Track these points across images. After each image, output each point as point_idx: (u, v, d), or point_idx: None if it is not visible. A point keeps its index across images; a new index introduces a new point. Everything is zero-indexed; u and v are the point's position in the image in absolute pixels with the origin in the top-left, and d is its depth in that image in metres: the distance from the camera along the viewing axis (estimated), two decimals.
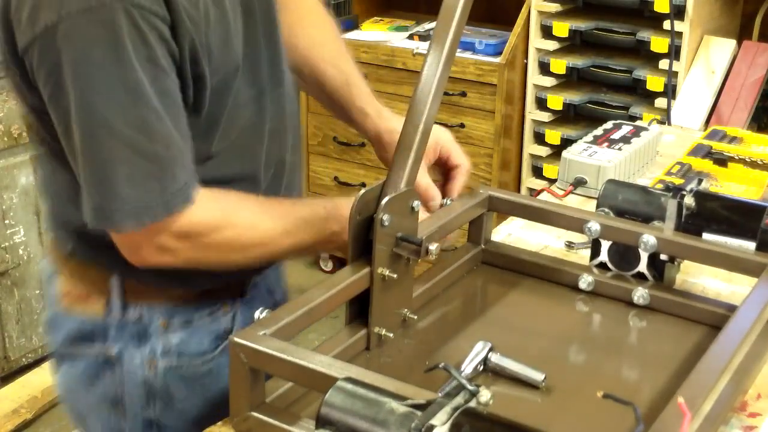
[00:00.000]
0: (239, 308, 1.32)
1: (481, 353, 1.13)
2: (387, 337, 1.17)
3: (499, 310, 1.32)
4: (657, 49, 2.75)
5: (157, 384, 1.28)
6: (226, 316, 1.30)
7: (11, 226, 2.85)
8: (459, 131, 3.11)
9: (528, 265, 1.38)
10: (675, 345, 1.22)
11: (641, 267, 1.32)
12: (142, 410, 1.29)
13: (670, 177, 1.71)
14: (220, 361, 1.29)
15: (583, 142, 1.82)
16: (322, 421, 0.87)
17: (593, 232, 1.31)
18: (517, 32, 3.00)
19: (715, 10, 2.84)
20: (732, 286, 1.39)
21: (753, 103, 2.66)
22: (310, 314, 1.07)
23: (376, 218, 1.11)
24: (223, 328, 1.30)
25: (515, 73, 3.04)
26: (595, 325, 1.32)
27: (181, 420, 1.30)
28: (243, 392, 1.01)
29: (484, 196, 1.37)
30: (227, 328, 1.30)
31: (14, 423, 2.76)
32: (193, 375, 1.29)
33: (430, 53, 1.15)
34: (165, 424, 1.30)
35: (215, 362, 1.29)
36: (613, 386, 1.07)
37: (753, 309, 1.12)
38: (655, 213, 1.33)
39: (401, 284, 1.18)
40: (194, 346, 1.28)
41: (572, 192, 1.74)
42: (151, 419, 1.30)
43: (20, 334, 2.95)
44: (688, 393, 0.94)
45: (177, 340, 1.27)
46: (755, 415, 1.11)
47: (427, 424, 0.81)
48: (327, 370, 0.94)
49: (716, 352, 1.04)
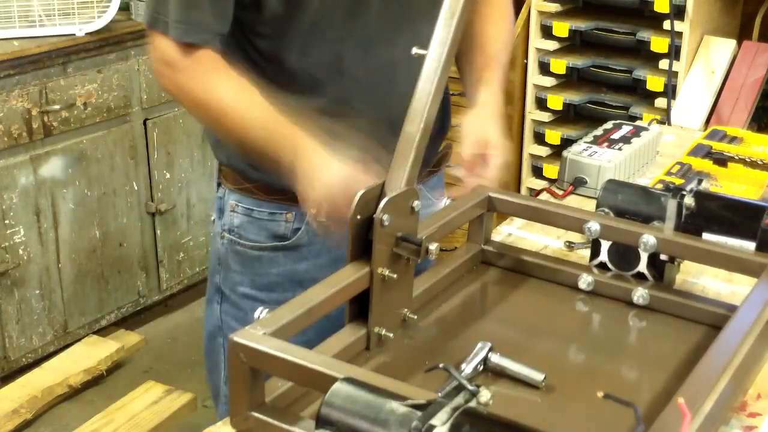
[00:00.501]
0: (306, 227, 1.49)
1: (480, 353, 1.13)
2: (387, 337, 1.17)
3: (499, 310, 1.32)
4: (657, 49, 2.75)
5: (221, 253, 1.57)
6: (287, 223, 1.51)
7: (11, 226, 2.85)
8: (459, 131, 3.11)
9: (528, 265, 1.38)
10: (675, 345, 1.22)
11: (641, 267, 1.32)
12: (214, 273, 1.59)
13: (670, 177, 1.71)
14: (272, 255, 1.53)
15: (583, 142, 1.82)
16: (322, 421, 0.87)
17: (593, 232, 1.31)
18: (517, 32, 3.00)
19: (715, 10, 2.84)
20: (732, 286, 1.39)
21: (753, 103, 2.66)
22: (309, 314, 1.07)
23: (376, 218, 1.11)
24: (282, 232, 1.52)
25: (515, 73, 3.04)
26: (594, 325, 1.32)
27: (234, 292, 1.57)
28: (243, 392, 1.01)
29: (483, 196, 1.37)
30: (284, 234, 1.52)
31: (14, 423, 2.76)
32: (246, 255, 1.54)
33: (430, 53, 1.15)
34: (224, 292, 1.58)
35: (267, 253, 1.53)
36: (613, 386, 1.07)
37: (753, 309, 1.12)
38: (655, 213, 1.33)
39: (401, 284, 1.18)
40: (251, 233, 1.53)
41: (572, 192, 1.74)
42: (218, 284, 1.59)
43: (20, 334, 2.95)
44: (688, 393, 0.94)
45: (238, 222, 1.54)
46: (755, 415, 1.11)
47: (428, 424, 0.81)
48: (327, 370, 0.94)
49: (716, 352, 1.04)
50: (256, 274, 1.54)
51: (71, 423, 2.80)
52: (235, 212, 1.54)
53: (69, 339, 3.10)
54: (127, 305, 3.28)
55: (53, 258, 2.98)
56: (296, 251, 1.52)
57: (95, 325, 3.18)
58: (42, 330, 3.01)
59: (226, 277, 1.57)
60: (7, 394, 2.83)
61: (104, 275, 3.16)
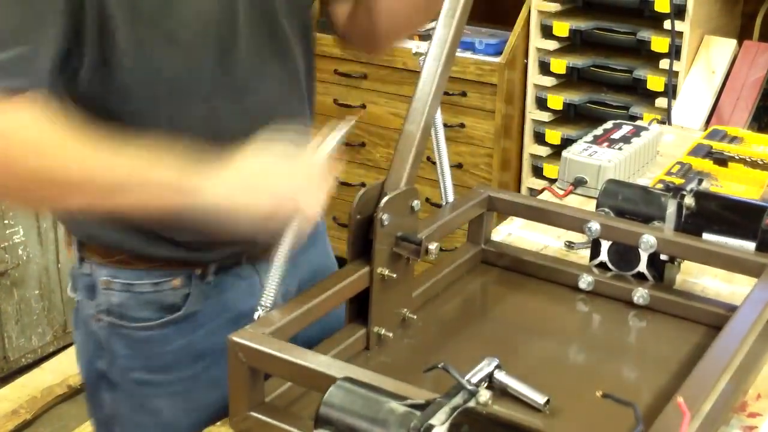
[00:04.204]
0: (198, 289, 1.28)
1: (486, 369, 1.10)
2: (386, 336, 1.17)
3: (498, 310, 1.31)
4: (657, 49, 2.75)
5: (102, 338, 1.31)
6: (175, 290, 1.28)
7: (11, 226, 2.85)
8: (459, 131, 3.11)
9: (528, 265, 1.38)
10: (675, 345, 1.22)
11: (641, 267, 1.32)
12: (93, 359, 1.33)
13: (671, 177, 1.71)
14: (163, 332, 1.29)
15: (584, 142, 1.82)
16: (321, 420, 0.86)
17: (593, 232, 1.31)
18: (517, 32, 3.00)
19: (715, 10, 2.83)
20: (732, 286, 1.39)
21: (753, 102, 2.66)
22: (309, 313, 1.07)
23: (376, 218, 1.11)
24: (170, 301, 1.28)
25: (515, 73, 3.03)
26: (595, 325, 1.32)
27: (125, 379, 1.32)
28: (242, 392, 1.01)
29: (483, 196, 1.37)
30: (175, 303, 1.28)
31: (14, 423, 2.75)
32: (133, 338, 1.30)
33: (430, 53, 1.14)
34: (112, 379, 1.33)
35: (157, 332, 1.29)
36: (613, 386, 1.07)
37: (753, 309, 1.12)
38: (655, 213, 1.33)
39: (401, 284, 1.18)
40: (134, 310, 1.29)
41: (572, 192, 1.74)
42: (101, 371, 1.33)
43: (20, 335, 2.94)
44: (688, 393, 0.93)
45: (117, 301, 1.29)
46: (755, 415, 1.11)
47: (426, 423, 0.81)
48: (326, 370, 0.94)
49: (716, 352, 1.03)
50: (148, 357, 1.31)
51: (71, 423, 2.80)
52: (110, 290, 1.28)
53: (69, 339, 3.09)
54: None
55: (53, 258, 2.98)
56: (190, 321, 1.29)
57: None
58: (41, 330, 3.01)
59: (112, 363, 1.32)
60: (7, 395, 2.82)
61: None
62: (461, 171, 3.14)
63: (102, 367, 1.33)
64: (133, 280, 1.27)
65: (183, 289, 1.28)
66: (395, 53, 3.18)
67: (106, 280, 1.28)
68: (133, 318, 1.28)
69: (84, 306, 1.32)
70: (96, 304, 1.30)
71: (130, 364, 1.31)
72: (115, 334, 1.30)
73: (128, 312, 1.28)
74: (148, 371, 1.30)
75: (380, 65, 3.19)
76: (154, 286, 1.27)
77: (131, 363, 1.31)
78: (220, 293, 1.29)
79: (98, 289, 1.29)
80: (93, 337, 1.32)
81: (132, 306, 1.28)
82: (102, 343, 1.32)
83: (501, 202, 1.38)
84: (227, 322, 1.26)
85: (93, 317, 1.30)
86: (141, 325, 1.29)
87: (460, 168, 3.14)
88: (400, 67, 3.17)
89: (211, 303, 1.29)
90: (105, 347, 1.32)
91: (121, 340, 1.30)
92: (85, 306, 1.32)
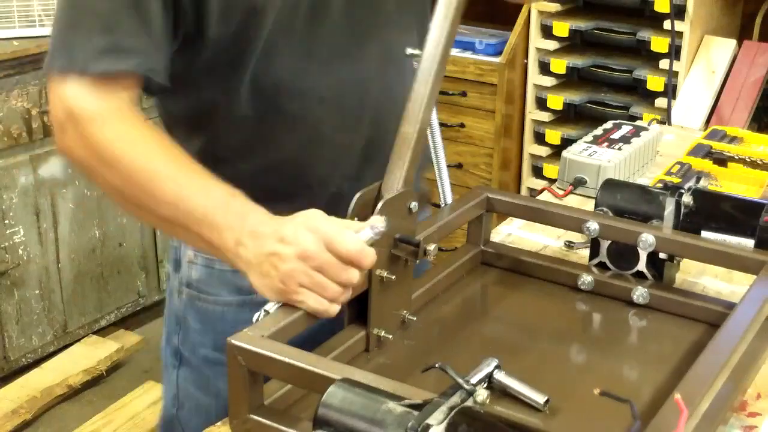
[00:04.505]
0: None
1: (486, 369, 1.09)
2: (386, 338, 1.17)
3: (498, 310, 1.31)
4: (657, 49, 2.75)
5: (180, 310, 1.36)
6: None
7: (11, 226, 2.85)
8: (459, 131, 3.11)
9: (528, 265, 1.38)
10: (675, 343, 1.22)
11: (640, 266, 1.32)
12: (172, 334, 1.38)
13: (670, 177, 1.71)
14: (238, 311, 1.31)
15: (583, 142, 1.82)
16: (319, 422, 0.86)
17: (592, 232, 1.31)
18: (517, 32, 3.00)
19: (715, 9, 2.83)
20: (732, 285, 1.39)
21: (753, 103, 2.66)
22: (307, 316, 1.07)
23: None
24: (248, 285, 1.24)
25: (515, 73, 3.03)
26: (595, 324, 1.32)
27: (194, 355, 1.36)
28: (241, 394, 1.01)
29: (482, 196, 1.37)
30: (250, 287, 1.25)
31: (13, 423, 2.76)
32: (208, 313, 1.34)
33: (425, 54, 1.14)
34: (183, 355, 1.37)
35: (230, 310, 1.32)
36: (612, 385, 1.07)
37: (752, 306, 1.12)
38: (654, 212, 1.33)
39: (400, 285, 1.18)
40: (212, 287, 1.33)
41: (572, 192, 1.73)
42: (176, 347, 1.38)
43: (20, 335, 2.95)
44: (686, 390, 0.93)
45: (197, 276, 1.34)
46: (755, 415, 1.11)
47: (424, 423, 0.81)
48: (324, 372, 0.94)
49: (714, 349, 1.03)
50: (219, 334, 1.28)
51: (71, 423, 2.80)
52: (193, 264, 1.33)
53: (68, 339, 3.10)
54: (126, 305, 3.27)
55: (53, 258, 2.98)
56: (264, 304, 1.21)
57: (95, 325, 3.18)
58: (42, 330, 3.01)
59: (185, 338, 1.36)
60: (7, 395, 2.82)
61: (104, 275, 3.16)
62: (461, 171, 3.14)
63: (176, 342, 1.37)
64: (214, 258, 1.28)
65: None
66: None
67: (190, 255, 1.33)
68: (210, 294, 1.33)
69: (171, 279, 1.38)
70: (180, 277, 1.35)
71: (201, 339, 1.34)
72: (192, 308, 1.34)
73: (206, 287, 1.33)
74: (217, 350, 1.31)
75: None
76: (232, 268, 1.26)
77: (202, 338, 1.34)
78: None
79: (183, 263, 1.35)
80: (174, 312, 1.37)
81: (211, 283, 1.32)
82: (179, 317, 1.36)
83: (500, 203, 1.38)
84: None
85: (176, 290, 1.36)
86: (217, 299, 1.32)
87: (460, 168, 3.14)
88: None
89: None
90: (181, 322, 1.36)
91: (196, 314, 1.34)
92: (171, 278, 1.38)
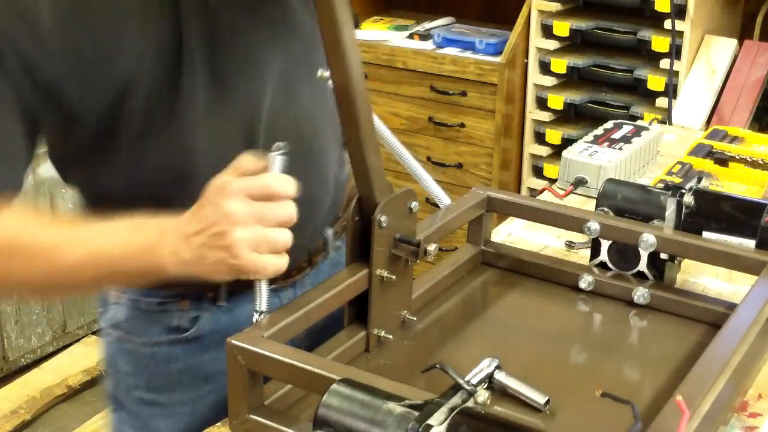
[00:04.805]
0: (209, 312, 1.24)
1: (486, 369, 1.09)
2: (386, 338, 1.17)
3: (499, 310, 1.31)
4: (658, 49, 2.75)
5: (109, 354, 1.29)
6: (183, 314, 1.24)
7: None
8: (459, 131, 3.10)
9: (528, 266, 1.38)
10: (675, 344, 1.22)
11: (641, 266, 1.32)
12: (107, 376, 1.32)
13: (671, 177, 1.70)
14: (169, 351, 1.25)
15: (584, 142, 1.82)
16: (319, 422, 0.86)
17: (593, 232, 1.30)
18: (517, 32, 2.99)
19: (716, 9, 2.83)
20: (733, 285, 1.39)
21: (754, 102, 2.65)
22: (308, 316, 1.07)
23: (374, 220, 1.10)
24: (177, 324, 1.24)
25: (515, 73, 3.03)
26: (595, 324, 1.32)
27: (128, 398, 1.29)
28: (241, 394, 1.00)
29: (483, 196, 1.36)
30: (180, 325, 1.24)
31: (13, 424, 2.75)
32: (137, 354, 1.27)
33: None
34: (119, 399, 1.30)
35: (161, 350, 1.25)
36: (613, 385, 1.07)
37: (753, 307, 1.12)
38: (655, 212, 1.33)
39: (400, 285, 1.18)
40: (140, 327, 1.25)
41: (573, 192, 1.73)
42: (110, 391, 1.31)
43: (19, 335, 2.94)
44: (687, 391, 0.93)
45: (124, 316, 1.26)
46: (756, 416, 1.11)
47: (424, 424, 0.81)
48: (324, 372, 0.94)
49: (715, 350, 1.03)
50: (151, 375, 1.27)
51: (70, 424, 2.80)
52: (119, 304, 1.26)
53: (68, 339, 3.10)
54: None
55: None
56: (197, 342, 1.25)
57: (94, 326, 3.17)
58: (41, 330, 3.01)
59: (118, 381, 1.30)
60: (6, 395, 2.82)
61: None
62: (461, 171, 3.14)
63: (109, 387, 1.31)
64: (141, 296, 1.24)
65: (192, 311, 1.24)
66: (395, 53, 3.17)
67: (116, 294, 1.26)
68: (138, 334, 1.26)
69: (101, 320, 1.30)
70: (106, 319, 1.28)
71: (133, 382, 1.28)
72: (121, 350, 1.28)
73: (134, 328, 1.26)
74: (151, 390, 1.27)
75: (380, 65, 3.19)
76: (161, 306, 1.24)
77: (134, 381, 1.28)
78: (234, 317, 1.23)
79: (109, 303, 1.27)
80: (106, 353, 1.30)
81: (138, 323, 1.25)
82: (110, 359, 1.30)
83: (500, 203, 1.37)
84: None
85: (105, 332, 1.29)
86: (146, 340, 1.25)
87: (460, 168, 3.14)
88: (399, 67, 3.16)
89: (223, 327, 1.23)
90: (112, 364, 1.30)
91: (126, 356, 1.27)
92: (102, 320, 1.30)
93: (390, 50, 3.19)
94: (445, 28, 3.31)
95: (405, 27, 3.38)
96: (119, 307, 1.26)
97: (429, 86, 3.13)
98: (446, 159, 3.15)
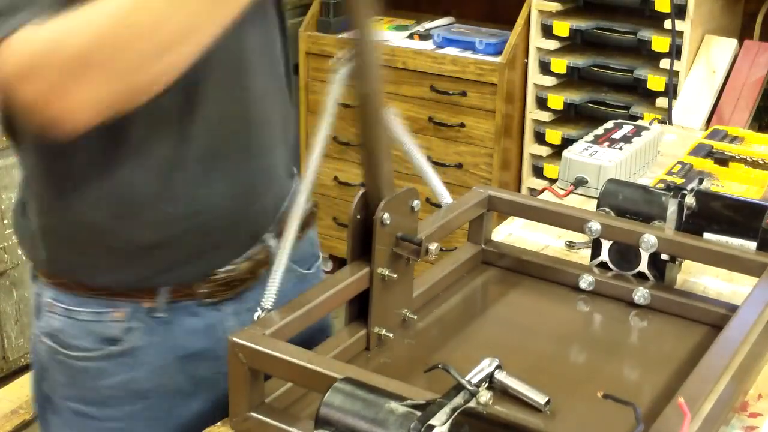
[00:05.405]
0: (143, 324, 1.20)
1: (487, 369, 1.09)
2: (387, 337, 1.17)
3: (499, 310, 1.31)
4: (658, 49, 2.75)
5: (43, 361, 1.25)
6: (116, 323, 1.19)
7: (10, 226, 2.84)
8: (459, 131, 3.11)
9: (528, 265, 1.38)
10: (676, 345, 1.22)
11: (642, 267, 1.32)
12: (40, 379, 1.27)
13: (672, 177, 1.70)
14: (101, 365, 1.21)
15: (584, 142, 1.82)
16: (321, 421, 0.86)
17: (594, 232, 1.30)
18: (517, 32, 3.00)
19: (716, 9, 2.83)
20: (733, 286, 1.39)
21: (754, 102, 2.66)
22: (309, 314, 1.07)
23: (376, 218, 1.10)
24: (111, 334, 1.20)
25: (516, 73, 3.03)
26: (595, 325, 1.32)
27: (63, 407, 1.26)
28: (242, 392, 1.00)
29: (483, 195, 1.36)
30: (115, 336, 1.20)
31: (13, 424, 2.75)
32: (70, 366, 1.23)
33: None
34: (56, 402, 1.27)
35: (95, 363, 1.21)
36: (613, 386, 1.07)
37: (754, 308, 1.12)
38: (656, 212, 1.33)
39: (401, 284, 1.18)
40: (74, 338, 1.21)
41: (573, 192, 1.73)
42: (45, 392, 1.27)
43: (19, 335, 2.94)
44: (689, 393, 0.93)
45: (57, 325, 1.22)
46: (756, 416, 1.11)
47: (427, 424, 0.81)
48: (326, 371, 0.94)
49: (717, 351, 1.03)
50: (84, 389, 1.23)
51: None
52: (53, 313, 1.22)
53: None
54: None
55: None
56: (130, 356, 1.20)
57: None
58: None
59: (53, 387, 1.26)
60: (6, 395, 2.82)
61: None
62: (461, 171, 3.14)
63: (46, 389, 1.27)
64: (75, 306, 1.20)
65: (125, 322, 1.19)
66: (395, 53, 3.18)
67: (49, 302, 1.22)
68: (71, 346, 1.21)
69: (33, 325, 1.26)
70: (40, 326, 1.24)
71: (67, 393, 1.24)
72: (55, 361, 1.23)
73: (67, 339, 1.21)
74: (84, 403, 1.23)
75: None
76: (95, 315, 1.20)
77: (68, 392, 1.24)
78: (170, 330, 1.20)
79: (43, 311, 1.23)
80: (38, 358, 1.26)
81: (71, 333, 1.21)
82: (43, 366, 1.26)
83: (501, 202, 1.37)
84: (175, 362, 1.20)
85: (38, 339, 1.24)
86: (78, 354, 1.21)
87: (460, 168, 3.14)
88: (399, 67, 3.17)
89: (158, 340, 1.19)
90: (46, 370, 1.26)
91: (59, 366, 1.23)
92: (33, 326, 1.26)
93: (390, 50, 3.19)
94: (445, 28, 3.31)
95: (405, 27, 3.38)
96: (53, 316, 1.22)
97: (429, 86, 3.13)
98: (446, 159, 3.15)
